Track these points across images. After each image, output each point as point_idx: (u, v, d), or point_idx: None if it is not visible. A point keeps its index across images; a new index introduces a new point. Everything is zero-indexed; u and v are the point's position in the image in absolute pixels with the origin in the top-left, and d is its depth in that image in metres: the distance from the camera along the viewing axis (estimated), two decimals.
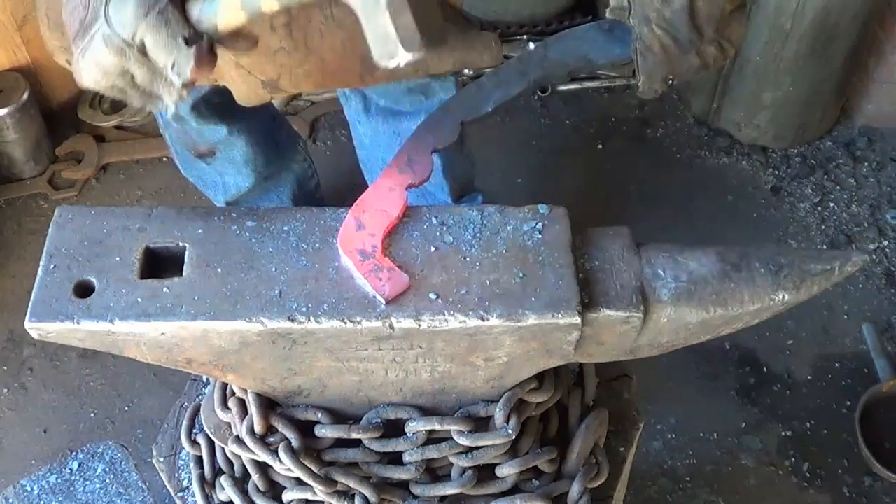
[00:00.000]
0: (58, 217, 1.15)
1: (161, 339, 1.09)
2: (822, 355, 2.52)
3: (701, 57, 1.22)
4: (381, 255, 1.11)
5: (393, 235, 1.14)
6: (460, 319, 1.07)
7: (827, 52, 2.68)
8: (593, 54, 1.29)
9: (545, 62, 1.28)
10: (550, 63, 1.28)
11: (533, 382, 1.24)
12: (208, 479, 1.38)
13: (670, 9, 1.17)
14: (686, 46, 1.20)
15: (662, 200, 2.83)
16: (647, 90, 1.26)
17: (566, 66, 1.29)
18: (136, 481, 2.33)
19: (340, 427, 1.24)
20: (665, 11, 1.18)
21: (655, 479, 2.30)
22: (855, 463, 2.32)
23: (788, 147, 2.96)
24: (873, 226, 2.78)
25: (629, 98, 3.11)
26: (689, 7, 1.17)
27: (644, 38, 1.20)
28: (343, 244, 1.11)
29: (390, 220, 1.14)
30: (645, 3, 1.18)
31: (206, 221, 1.14)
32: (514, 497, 1.30)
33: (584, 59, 1.29)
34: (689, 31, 1.19)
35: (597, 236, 1.17)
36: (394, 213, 1.15)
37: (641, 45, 1.21)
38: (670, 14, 1.18)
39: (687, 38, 1.20)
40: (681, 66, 1.23)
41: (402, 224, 1.16)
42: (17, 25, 2.75)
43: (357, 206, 1.15)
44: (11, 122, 2.77)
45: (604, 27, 1.29)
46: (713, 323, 1.15)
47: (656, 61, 1.22)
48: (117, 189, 2.91)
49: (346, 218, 1.14)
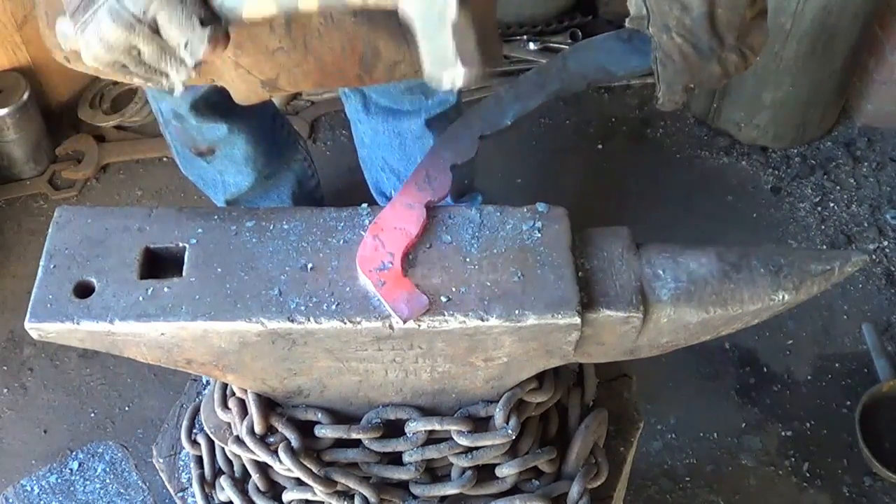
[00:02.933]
0: (58, 217, 1.15)
1: (161, 339, 1.09)
2: (822, 355, 2.52)
3: (722, 65, 1.19)
4: (401, 275, 1.09)
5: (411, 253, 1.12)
6: (460, 320, 1.07)
7: (827, 52, 2.68)
8: (612, 65, 1.27)
9: (564, 74, 1.26)
10: (569, 75, 1.26)
11: (533, 382, 1.24)
12: (208, 479, 1.38)
13: (690, 16, 1.15)
14: (707, 54, 1.18)
15: (662, 200, 2.83)
16: (667, 101, 1.24)
17: (585, 78, 1.27)
18: (136, 481, 2.33)
19: (340, 427, 1.24)
20: (685, 19, 1.16)
21: (655, 479, 2.30)
22: (855, 463, 2.32)
23: (788, 147, 2.96)
24: (873, 226, 2.78)
25: (629, 98, 3.11)
26: (710, 14, 1.14)
27: (664, 47, 1.18)
28: (362, 264, 1.10)
29: (409, 238, 1.12)
30: (664, 11, 1.16)
31: (206, 221, 1.14)
32: (513, 497, 1.30)
33: (604, 70, 1.27)
34: (710, 39, 1.16)
35: (596, 236, 1.17)
36: (413, 232, 1.13)
37: (661, 54, 1.19)
38: (690, 22, 1.15)
39: (707, 46, 1.17)
40: (701, 73, 1.20)
41: None
42: (17, 25, 2.75)
43: (375, 224, 1.13)
44: (11, 122, 2.77)
45: (622, 37, 1.27)
46: (713, 323, 1.15)
47: (677, 70, 1.19)
48: (117, 189, 2.91)
49: (365, 237, 1.12)
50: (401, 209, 1.15)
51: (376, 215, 1.15)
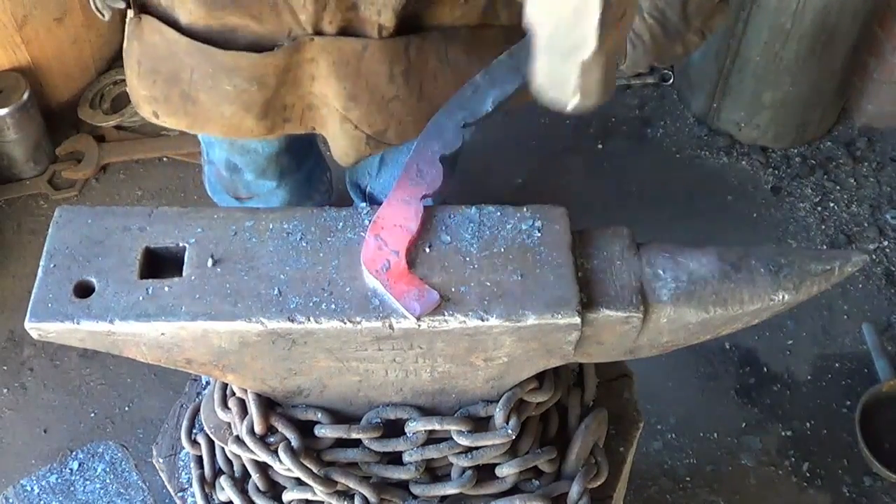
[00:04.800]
0: (58, 217, 1.15)
1: (161, 339, 1.09)
2: (822, 355, 2.52)
3: (684, 45, 1.24)
4: (406, 272, 1.09)
5: None
6: (460, 320, 1.07)
7: (827, 52, 2.68)
8: None
9: None
10: None
11: (533, 382, 1.24)
12: (208, 479, 1.37)
13: None
14: (673, 35, 1.22)
15: (662, 200, 2.83)
16: (628, 72, 1.30)
17: None
18: (136, 481, 2.33)
19: (340, 427, 1.24)
20: (658, 1, 1.19)
21: (655, 479, 2.30)
22: (855, 463, 2.33)
23: (788, 147, 2.97)
24: (873, 226, 2.78)
25: (629, 98, 3.11)
26: None
27: (634, 28, 1.22)
28: (368, 265, 1.10)
29: (410, 234, 1.12)
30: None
31: (206, 221, 1.14)
32: (513, 497, 1.30)
33: None
34: (679, 21, 1.21)
35: (596, 236, 1.17)
36: (413, 228, 1.13)
37: (631, 34, 1.22)
38: (663, 4, 1.18)
39: (675, 28, 1.21)
40: (666, 54, 1.25)
41: None
42: (17, 25, 2.75)
43: (375, 223, 1.13)
44: (11, 122, 2.77)
45: None
46: (713, 323, 1.14)
47: (646, 50, 1.24)
48: (117, 189, 2.91)
49: (367, 238, 1.12)
50: (398, 206, 1.15)
51: (376, 215, 1.15)
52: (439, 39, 1.45)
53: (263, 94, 1.48)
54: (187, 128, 1.57)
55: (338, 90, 1.46)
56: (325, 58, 1.43)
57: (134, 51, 1.53)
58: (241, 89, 1.47)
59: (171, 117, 1.56)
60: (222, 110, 1.51)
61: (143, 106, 1.58)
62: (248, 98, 1.48)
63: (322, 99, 1.50)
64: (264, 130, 1.54)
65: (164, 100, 1.53)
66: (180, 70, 1.49)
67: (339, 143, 1.54)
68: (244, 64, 1.44)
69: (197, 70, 1.48)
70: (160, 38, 1.48)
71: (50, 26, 2.85)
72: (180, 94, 1.52)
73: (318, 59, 1.44)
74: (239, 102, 1.49)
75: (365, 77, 1.44)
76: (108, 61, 3.14)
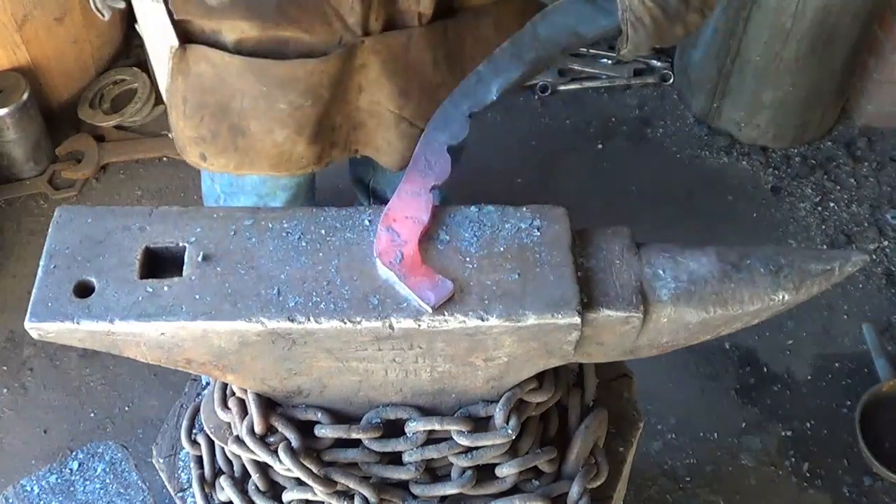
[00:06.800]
0: (58, 217, 1.15)
1: (161, 339, 1.09)
2: (822, 355, 2.52)
3: (685, 25, 1.25)
4: (420, 263, 1.10)
5: None
6: (460, 319, 1.07)
7: (827, 52, 2.68)
8: (582, 27, 1.29)
9: (536, 41, 1.28)
10: (542, 41, 1.28)
11: (533, 382, 1.24)
12: (208, 479, 1.37)
13: None
14: (674, 16, 1.24)
15: (662, 200, 2.83)
16: (630, 57, 1.31)
17: (558, 43, 1.29)
18: (136, 481, 2.33)
19: (340, 427, 1.24)
20: None
21: (655, 479, 2.30)
22: (855, 463, 2.33)
23: (788, 147, 2.97)
24: (873, 226, 2.78)
25: (629, 98, 3.11)
26: None
27: (635, 11, 1.23)
28: (381, 256, 1.10)
29: (421, 226, 1.13)
30: None
31: (206, 221, 1.14)
32: (513, 497, 1.30)
33: (574, 34, 1.29)
34: (678, 2, 1.22)
35: (596, 236, 1.17)
36: (424, 219, 1.14)
37: (632, 17, 1.24)
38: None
39: (675, 10, 1.23)
40: (668, 35, 1.26)
41: None
42: (17, 25, 2.75)
43: (387, 216, 1.14)
44: (11, 122, 2.77)
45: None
46: (713, 323, 1.14)
47: (647, 33, 1.25)
48: (117, 189, 2.91)
49: (378, 230, 1.13)
50: (408, 198, 1.16)
51: (376, 214, 1.15)
52: (471, 19, 1.52)
53: (316, 109, 1.48)
54: (235, 169, 1.56)
55: (390, 91, 1.49)
56: (375, 59, 1.46)
57: (179, 88, 1.50)
58: (295, 106, 1.47)
59: (219, 157, 1.54)
60: (274, 137, 1.50)
61: (190, 149, 1.55)
62: (301, 116, 1.48)
63: (370, 110, 1.52)
64: (313, 157, 1.54)
65: (212, 137, 1.52)
66: (230, 99, 1.48)
67: (394, 147, 1.56)
68: (300, 73, 1.44)
69: (248, 94, 1.47)
70: (207, 65, 1.47)
71: (50, 26, 2.85)
72: (229, 127, 1.50)
73: (368, 62, 1.47)
74: (292, 123, 1.49)
75: (413, 69, 1.49)
76: (107, 61, 3.14)
